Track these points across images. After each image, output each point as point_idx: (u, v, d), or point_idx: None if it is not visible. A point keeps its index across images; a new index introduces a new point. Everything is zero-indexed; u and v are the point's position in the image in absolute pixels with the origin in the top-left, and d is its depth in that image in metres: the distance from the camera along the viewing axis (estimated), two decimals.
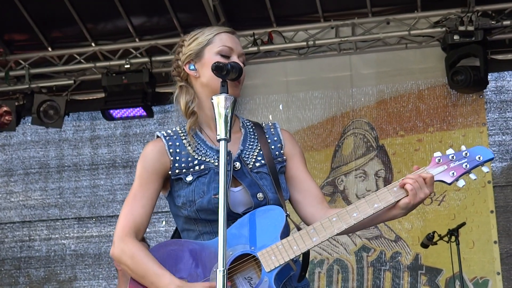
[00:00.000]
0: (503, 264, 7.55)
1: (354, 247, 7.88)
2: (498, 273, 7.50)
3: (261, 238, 2.82)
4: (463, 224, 7.02)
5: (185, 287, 2.76)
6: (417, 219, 7.76)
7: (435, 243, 6.98)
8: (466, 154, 2.86)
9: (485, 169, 2.88)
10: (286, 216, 2.87)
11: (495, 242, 7.57)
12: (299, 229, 2.86)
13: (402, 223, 7.79)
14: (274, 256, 2.78)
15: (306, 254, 2.86)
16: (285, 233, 2.87)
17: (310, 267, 7.82)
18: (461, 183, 2.86)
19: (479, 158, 2.85)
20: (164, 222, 8.29)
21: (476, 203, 7.67)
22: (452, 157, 2.87)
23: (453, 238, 6.87)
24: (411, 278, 7.69)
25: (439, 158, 2.88)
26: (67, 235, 8.64)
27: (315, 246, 2.81)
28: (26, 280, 8.59)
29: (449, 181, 2.85)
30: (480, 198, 7.68)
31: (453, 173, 2.85)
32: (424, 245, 7.09)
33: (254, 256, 2.82)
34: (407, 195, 2.82)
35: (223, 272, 2.49)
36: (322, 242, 2.82)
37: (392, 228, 7.82)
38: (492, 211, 7.64)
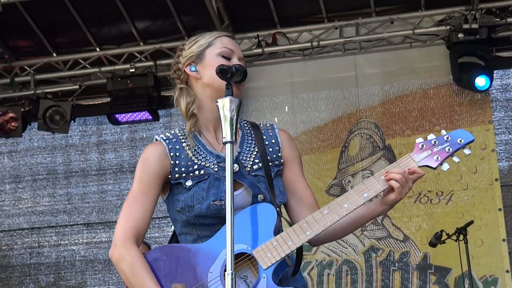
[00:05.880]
0: None
1: (363, 247, 7.87)
2: (508, 271, 7.48)
3: (255, 236, 2.81)
4: (471, 222, 7.00)
5: None
6: (425, 218, 7.75)
7: (443, 242, 6.96)
8: (447, 138, 2.88)
9: (467, 151, 2.91)
10: (277, 212, 2.85)
11: (503, 240, 7.55)
12: (291, 225, 2.86)
13: (410, 223, 7.78)
14: (269, 253, 2.76)
15: (299, 249, 2.84)
16: (278, 229, 2.86)
17: (319, 268, 7.81)
18: (445, 166, 2.87)
19: (461, 141, 2.87)
20: (173, 227, 8.28)
21: (484, 202, 7.65)
22: (435, 142, 2.87)
23: (461, 236, 6.85)
24: (420, 277, 7.68)
25: (422, 143, 2.88)
26: (76, 241, 8.64)
27: (309, 239, 2.80)
28: (36, 286, 8.60)
29: (434, 166, 2.86)
30: (488, 196, 7.66)
31: (437, 157, 2.86)
32: (433, 244, 7.07)
33: (248, 255, 2.80)
34: (393, 191, 2.82)
35: (231, 275, 2.47)
36: (316, 235, 2.80)
37: (400, 228, 7.81)
38: (500, 209, 7.62)
